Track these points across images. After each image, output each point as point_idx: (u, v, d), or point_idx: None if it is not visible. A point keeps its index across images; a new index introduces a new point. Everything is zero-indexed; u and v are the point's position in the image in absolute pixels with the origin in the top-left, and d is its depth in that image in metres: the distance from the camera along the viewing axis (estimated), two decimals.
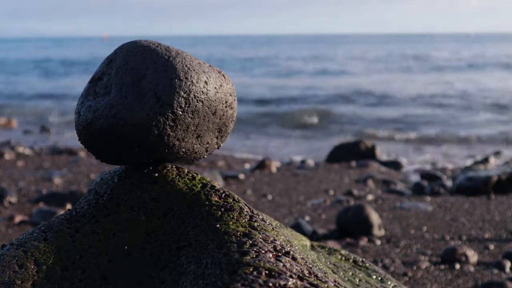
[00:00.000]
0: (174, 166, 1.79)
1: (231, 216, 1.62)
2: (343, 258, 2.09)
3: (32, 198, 6.35)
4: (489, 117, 15.21)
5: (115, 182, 1.77)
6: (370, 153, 9.68)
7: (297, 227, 4.86)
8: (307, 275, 1.44)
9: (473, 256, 4.32)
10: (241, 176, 7.77)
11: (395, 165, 9.29)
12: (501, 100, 18.03)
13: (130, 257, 1.62)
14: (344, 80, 24.72)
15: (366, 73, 28.51)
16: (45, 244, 1.65)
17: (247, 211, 1.66)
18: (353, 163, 8.95)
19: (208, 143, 1.76)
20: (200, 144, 1.74)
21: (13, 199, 6.22)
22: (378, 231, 4.99)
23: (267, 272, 1.40)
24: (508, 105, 17.17)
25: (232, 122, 1.80)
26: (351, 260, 2.08)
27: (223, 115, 1.75)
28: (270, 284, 1.35)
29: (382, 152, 10.16)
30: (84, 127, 1.67)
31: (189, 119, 1.66)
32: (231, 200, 1.69)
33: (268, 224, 1.65)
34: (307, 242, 2.13)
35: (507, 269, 4.15)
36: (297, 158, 10.17)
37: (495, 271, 4.13)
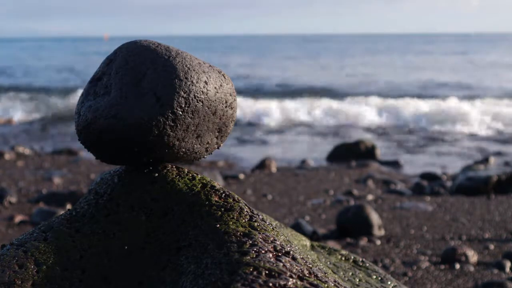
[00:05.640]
0: (174, 166, 1.79)
1: (231, 216, 1.62)
2: (343, 258, 2.09)
3: (32, 198, 6.35)
4: None
5: (115, 182, 1.77)
6: (370, 153, 9.68)
7: (297, 227, 4.86)
8: (307, 275, 1.44)
9: (473, 256, 4.32)
10: (241, 176, 7.77)
11: (395, 165, 9.29)
12: None
13: (130, 257, 1.62)
14: None
15: None
16: (45, 244, 1.65)
17: (247, 211, 1.66)
18: (353, 163, 8.96)
19: (208, 143, 1.76)
20: (200, 144, 1.74)
21: (13, 199, 6.22)
22: (378, 231, 4.99)
23: (267, 272, 1.40)
24: None
25: (232, 122, 1.80)
26: (351, 260, 2.08)
27: (223, 115, 1.75)
28: (270, 284, 1.35)
29: None
30: (84, 127, 1.67)
31: (189, 119, 1.66)
32: (231, 200, 1.69)
33: (268, 224, 1.65)
34: (307, 242, 2.13)
35: (507, 269, 4.15)
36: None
37: (495, 271, 4.13)
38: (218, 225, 1.58)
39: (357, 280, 1.90)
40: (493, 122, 13.94)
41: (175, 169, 1.78)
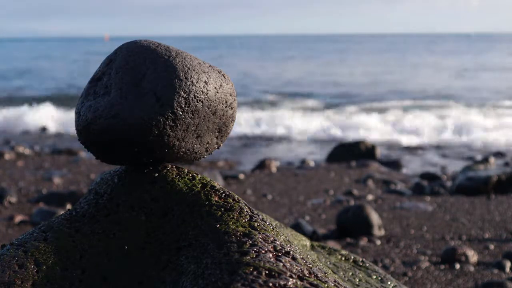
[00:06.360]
0: (174, 166, 1.79)
1: (231, 216, 1.62)
2: (343, 258, 2.09)
3: (32, 198, 6.35)
4: None
5: (115, 182, 1.77)
6: (370, 153, 9.68)
7: (297, 227, 4.86)
8: (307, 275, 1.44)
9: (473, 256, 4.32)
10: (241, 176, 7.76)
11: (395, 165, 9.29)
12: None
13: (130, 257, 1.62)
14: None
15: None
16: (45, 244, 1.65)
17: (247, 211, 1.66)
18: (353, 163, 8.95)
19: (208, 143, 1.76)
20: (200, 144, 1.74)
21: (13, 199, 6.22)
22: (378, 231, 4.99)
23: (267, 272, 1.40)
24: None
25: (232, 122, 1.80)
26: (351, 260, 2.08)
27: (223, 115, 1.75)
28: (270, 284, 1.35)
29: None
30: (84, 127, 1.67)
31: (189, 119, 1.66)
32: (231, 200, 1.69)
33: (268, 224, 1.65)
34: (307, 242, 2.13)
35: (507, 269, 4.15)
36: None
37: (495, 271, 4.13)
38: (218, 225, 1.58)
39: (357, 280, 1.91)
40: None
41: (175, 169, 1.78)
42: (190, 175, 1.77)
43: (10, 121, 15.07)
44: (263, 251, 1.48)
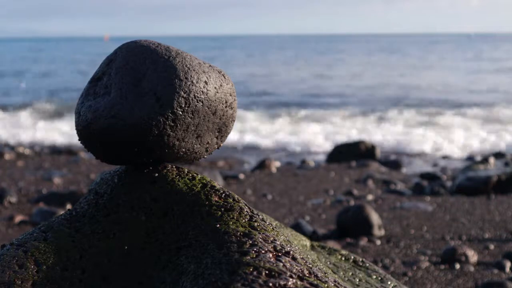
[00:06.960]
0: (174, 166, 1.79)
1: (231, 216, 1.62)
2: (343, 258, 2.09)
3: (32, 198, 6.35)
4: None
5: (115, 182, 1.77)
6: (370, 153, 9.68)
7: (297, 227, 4.86)
8: (307, 275, 1.44)
9: (473, 256, 4.32)
10: (241, 176, 7.76)
11: (395, 165, 9.28)
12: None
13: (130, 257, 1.62)
14: None
15: None
16: (45, 244, 1.65)
17: (247, 211, 1.66)
18: (353, 163, 8.95)
19: (208, 143, 1.76)
20: (200, 144, 1.74)
21: (13, 199, 6.22)
22: (378, 231, 4.99)
23: (267, 272, 1.40)
24: None
25: (232, 122, 1.80)
26: (351, 260, 2.08)
27: (223, 115, 1.75)
28: (270, 284, 1.35)
29: None
30: (84, 127, 1.67)
31: (189, 119, 1.66)
32: (231, 200, 1.69)
33: (268, 224, 1.65)
34: (307, 242, 2.13)
35: (507, 269, 4.15)
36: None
37: (495, 271, 4.13)
38: (218, 225, 1.58)
39: (357, 280, 1.91)
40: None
41: (175, 169, 1.78)
42: (190, 175, 1.77)
43: (7, 122, 15.04)
44: (263, 251, 1.48)
